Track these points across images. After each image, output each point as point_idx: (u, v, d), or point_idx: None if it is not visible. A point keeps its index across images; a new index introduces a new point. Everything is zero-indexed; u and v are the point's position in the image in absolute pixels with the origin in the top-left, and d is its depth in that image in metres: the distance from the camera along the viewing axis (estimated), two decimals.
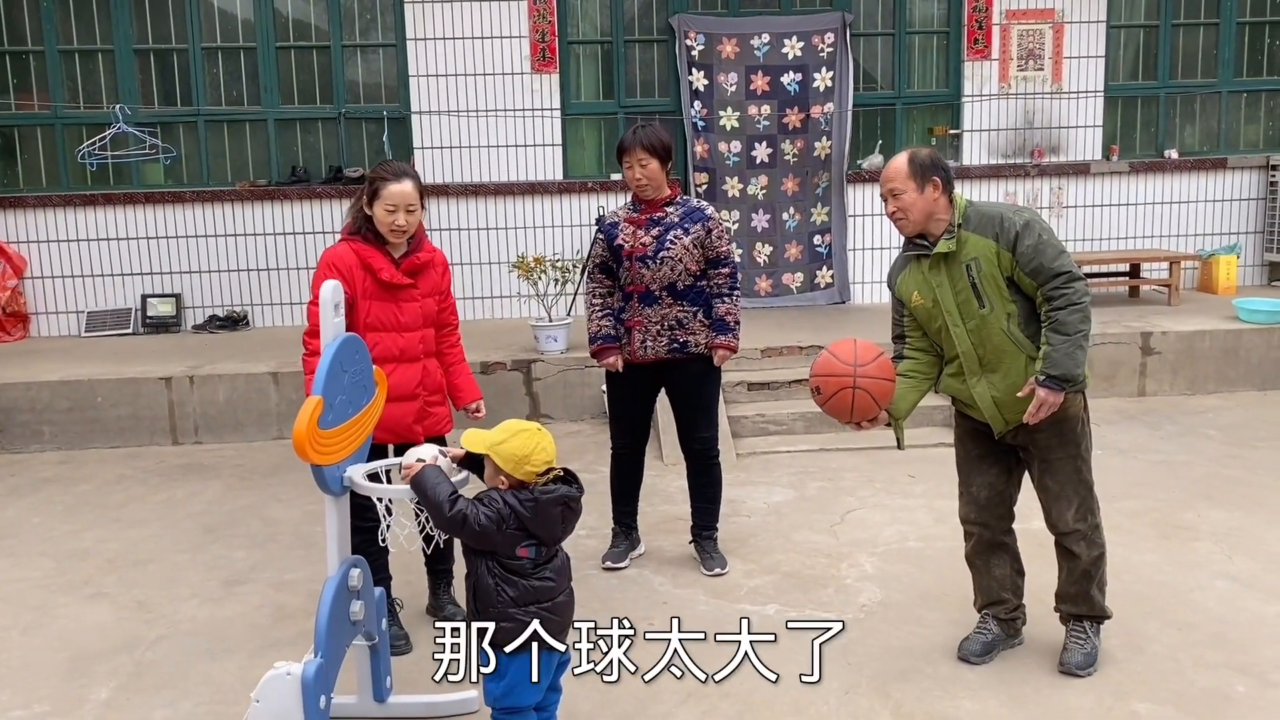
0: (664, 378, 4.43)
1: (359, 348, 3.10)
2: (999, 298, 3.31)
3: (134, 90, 8.22)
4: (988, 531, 3.60)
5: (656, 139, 4.22)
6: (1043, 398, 3.25)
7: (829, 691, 3.42)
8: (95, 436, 6.64)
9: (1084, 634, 3.54)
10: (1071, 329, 3.22)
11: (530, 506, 2.79)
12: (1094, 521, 3.49)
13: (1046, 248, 3.24)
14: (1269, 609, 3.93)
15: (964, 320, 3.36)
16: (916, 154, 3.40)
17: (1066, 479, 3.44)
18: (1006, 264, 3.28)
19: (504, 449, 2.80)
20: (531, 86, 8.32)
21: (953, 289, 3.36)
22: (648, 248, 4.25)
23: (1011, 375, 3.35)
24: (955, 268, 3.34)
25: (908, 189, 3.34)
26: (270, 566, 4.65)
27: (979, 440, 3.57)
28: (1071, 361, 3.22)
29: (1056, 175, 8.70)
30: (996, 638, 3.63)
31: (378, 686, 3.29)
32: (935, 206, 3.36)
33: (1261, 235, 8.94)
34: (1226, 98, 9.01)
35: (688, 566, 4.50)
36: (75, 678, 3.66)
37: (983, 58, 8.58)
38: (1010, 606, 3.65)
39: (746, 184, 8.44)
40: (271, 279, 8.35)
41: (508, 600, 2.80)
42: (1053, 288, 3.24)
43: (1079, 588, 3.52)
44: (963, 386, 3.45)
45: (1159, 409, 6.83)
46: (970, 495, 3.62)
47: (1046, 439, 3.41)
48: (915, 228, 3.39)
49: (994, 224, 3.30)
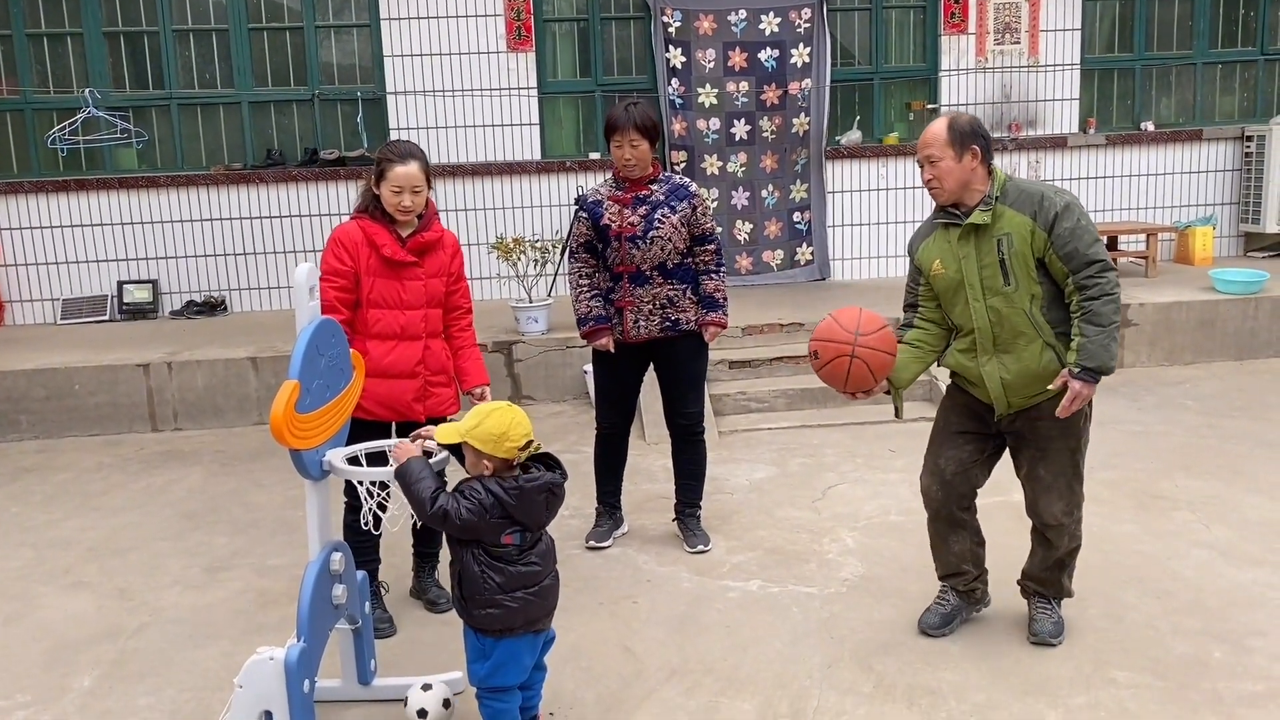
0: (654, 355, 4.43)
1: (335, 331, 3.09)
2: (1026, 278, 3.23)
3: (104, 74, 8.12)
4: (945, 508, 3.54)
5: (648, 119, 4.18)
6: (1077, 390, 3.17)
7: (812, 665, 3.45)
8: (73, 425, 6.59)
9: (1049, 606, 3.57)
10: (1106, 320, 3.16)
11: (515, 494, 2.79)
12: (1078, 516, 3.47)
13: (1084, 233, 3.17)
14: (1245, 576, 3.98)
15: (985, 296, 3.28)
16: (956, 120, 3.28)
17: (1061, 470, 3.40)
18: (1040, 244, 3.20)
19: (479, 432, 2.78)
20: (507, 65, 8.26)
21: (979, 262, 3.27)
22: (636, 228, 4.23)
23: (1025, 359, 3.28)
24: (986, 241, 3.26)
25: (945, 156, 3.24)
26: (252, 552, 4.63)
27: (966, 416, 3.51)
28: (1107, 354, 3.16)
29: (1034, 149, 8.72)
30: (955, 608, 3.63)
31: (362, 669, 3.29)
32: (972, 176, 3.26)
33: (1237, 206, 9.00)
34: (1202, 69, 9.04)
35: (671, 545, 4.51)
36: (57, 667, 3.64)
37: (959, 32, 8.57)
38: (970, 578, 3.62)
39: (725, 161, 8.42)
40: (249, 263, 8.28)
41: (494, 587, 2.80)
42: (1087, 276, 3.17)
43: (1050, 574, 3.53)
44: (971, 364, 3.38)
45: (1137, 380, 6.88)
46: (937, 468, 3.54)
47: (1048, 428, 3.34)
48: (950, 197, 3.29)
49: (1033, 202, 3.21)
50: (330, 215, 8.19)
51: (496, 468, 2.82)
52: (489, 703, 2.89)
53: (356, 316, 3.74)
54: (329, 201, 8.21)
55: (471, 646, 2.89)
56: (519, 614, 2.84)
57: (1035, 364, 3.28)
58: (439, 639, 3.75)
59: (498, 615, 2.81)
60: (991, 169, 3.30)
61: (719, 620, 3.79)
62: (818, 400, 6.38)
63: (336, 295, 3.66)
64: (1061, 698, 3.20)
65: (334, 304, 3.64)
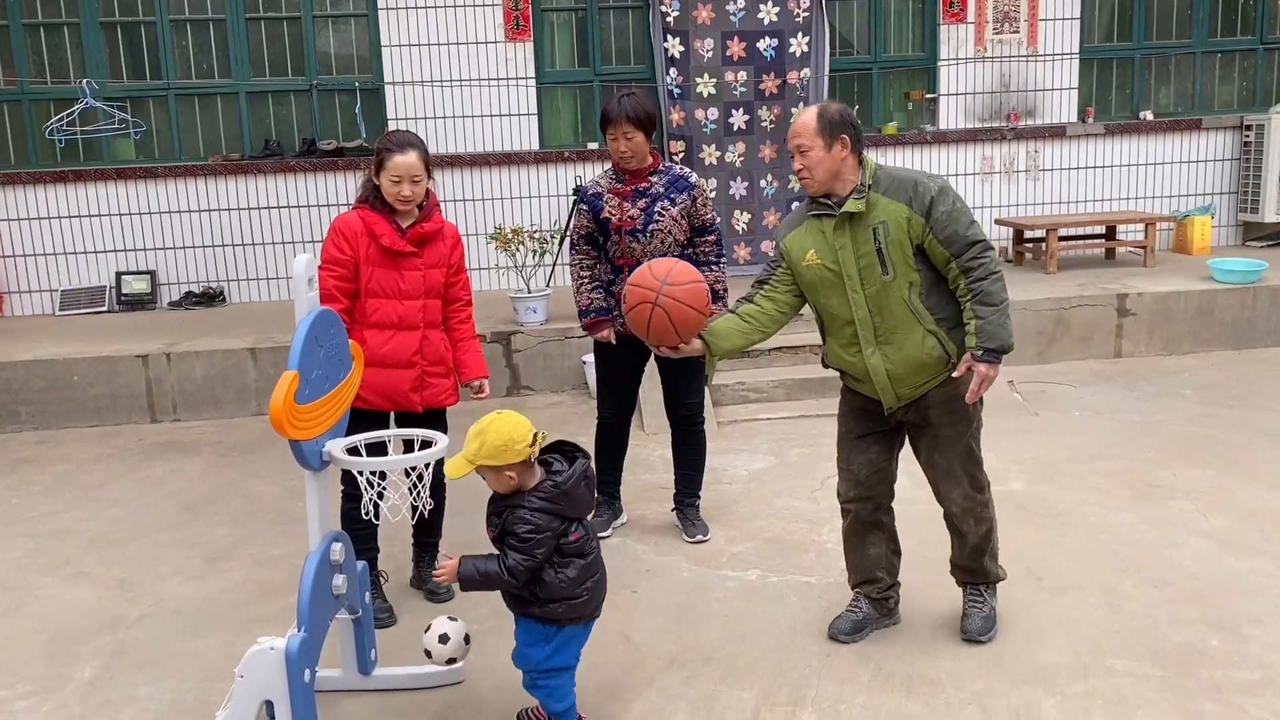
0: None
1: (334, 321, 3.09)
2: (904, 265, 3.19)
3: (101, 64, 8.10)
4: (865, 510, 3.51)
5: (643, 110, 4.14)
6: (984, 372, 3.15)
7: (810, 654, 3.46)
8: (72, 416, 6.59)
9: (980, 598, 3.54)
10: (997, 298, 3.15)
11: (559, 498, 2.82)
12: (982, 499, 3.43)
13: (961, 214, 3.16)
14: (1243, 565, 3.99)
15: (864, 286, 3.23)
16: (825, 109, 3.24)
17: (956, 456, 3.37)
18: (918, 230, 3.17)
19: (486, 449, 2.77)
20: (505, 55, 8.24)
21: (856, 252, 3.23)
22: (636, 221, 4.22)
23: (907, 347, 3.24)
24: (861, 230, 3.21)
25: (815, 146, 3.20)
26: (252, 543, 4.64)
27: (863, 418, 3.46)
28: (1005, 331, 3.15)
29: (1032, 138, 8.71)
30: (868, 616, 3.57)
31: (362, 659, 3.30)
32: (842, 166, 3.23)
33: (1236, 196, 8.99)
34: (1201, 58, 9.03)
35: (670, 535, 4.52)
36: (58, 657, 3.65)
37: (958, 21, 8.55)
38: (883, 585, 3.57)
39: (724, 151, 8.40)
40: (247, 254, 8.27)
41: (570, 582, 2.86)
42: (970, 257, 3.15)
43: (971, 562, 3.52)
44: (855, 358, 3.33)
45: (1135, 370, 6.89)
46: (851, 473, 3.49)
47: (939, 415, 3.32)
48: (820, 187, 3.25)
49: (907, 188, 3.19)
50: (328, 206, 8.18)
51: (519, 473, 2.82)
52: (546, 683, 2.93)
53: (355, 306, 3.75)
54: (327, 192, 8.20)
55: (529, 632, 2.92)
56: (588, 604, 2.93)
57: (918, 352, 3.24)
58: None
59: (575, 605, 2.88)
60: (862, 158, 3.27)
61: (718, 610, 3.80)
62: (816, 390, 6.38)
63: (336, 284, 3.67)
64: (1059, 686, 3.21)
65: (333, 293, 3.65)
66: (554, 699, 2.95)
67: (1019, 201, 8.78)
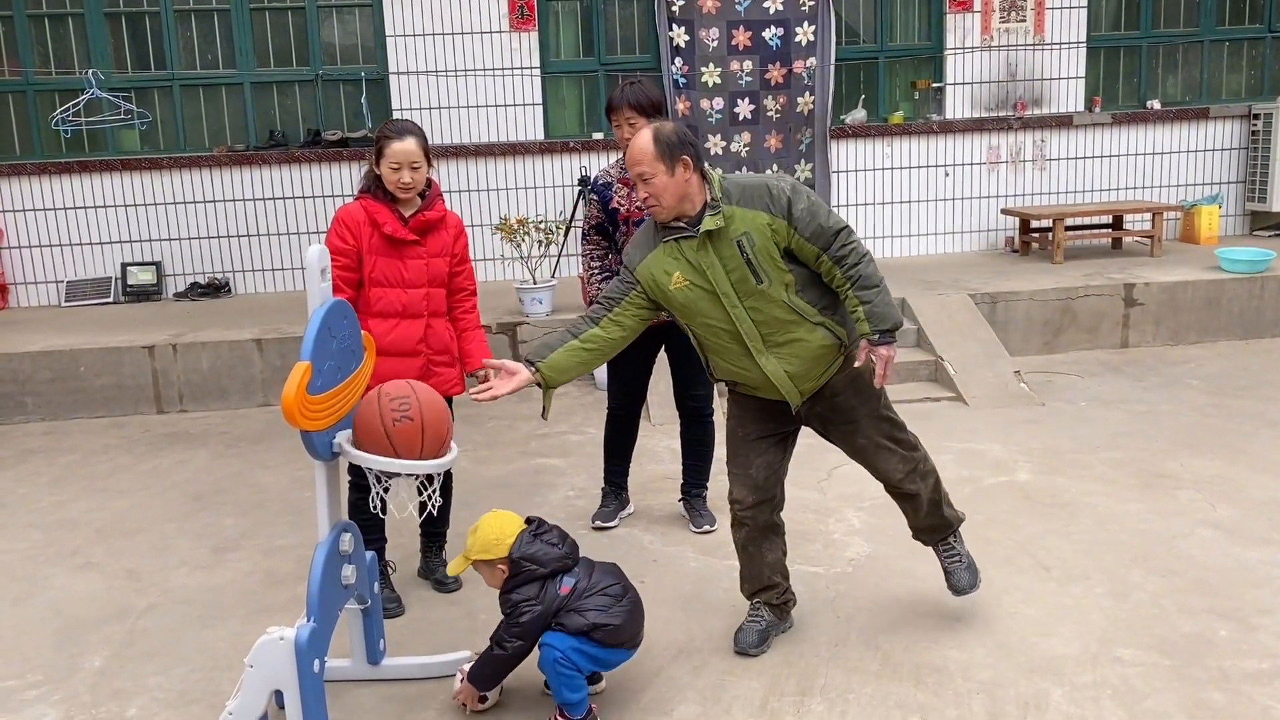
0: (665, 337, 4.41)
1: (347, 312, 3.08)
2: (775, 270, 3.12)
3: (106, 55, 8.09)
4: (763, 514, 3.41)
5: (645, 97, 4.12)
6: (884, 354, 3.12)
7: (818, 644, 3.46)
8: (79, 406, 6.60)
9: (954, 549, 3.54)
10: (875, 279, 3.11)
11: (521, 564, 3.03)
12: (918, 455, 3.41)
13: (819, 208, 3.11)
14: (1251, 555, 3.99)
15: (742, 299, 3.15)
16: (660, 132, 3.11)
17: (876, 429, 3.35)
18: (783, 234, 3.10)
19: (477, 547, 3.05)
20: (510, 45, 8.22)
21: (725, 268, 3.13)
22: (644, 211, 4.21)
23: (800, 345, 3.19)
24: (725, 245, 3.12)
25: (657, 172, 3.09)
26: (259, 533, 4.65)
27: (759, 420, 3.39)
28: (893, 310, 3.13)
29: (1039, 128, 8.68)
30: (770, 624, 3.49)
31: (371, 649, 3.30)
32: (688, 187, 3.12)
33: (1243, 185, 8.96)
34: (1208, 47, 8.99)
35: (677, 525, 4.52)
36: (67, 647, 3.67)
37: (965, 10, 8.52)
38: (781, 590, 3.50)
39: (729, 141, 8.39)
40: (252, 245, 8.28)
41: (594, 616, 3.00)
42: (839, 246, 3.09)
43: (932, 517, 3.50)
44: (748, 370, 3.26)
45: (1142, 360, 6.88)
46: (749, 477, 3.39)
47: (846, 400, 3.29)
48: (670, 212, 3.14)
49: (762, 195, 3.11)
50: (333, 196, 8.17)
51: (508, 566, 3.06)
52: (566, 670, 2.98)
53: (360, 295, 3.75)
54: (332, 182, 8.19)
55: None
56: (624, 629, 3.05)
57: (810, 348, 3.20)
58: (447, 618, 3.76)
59: (611, 631, 3.02)
60: (705, 173, 3.19)
61: (725, 600, 3.80)
62: None
63: (339, 274, 3.68)
64: (1068, 675, 3.21)
65: (337, 283, 3.65)
66: (569, 688, 2.98)
67: (1025, 191, 8.76)
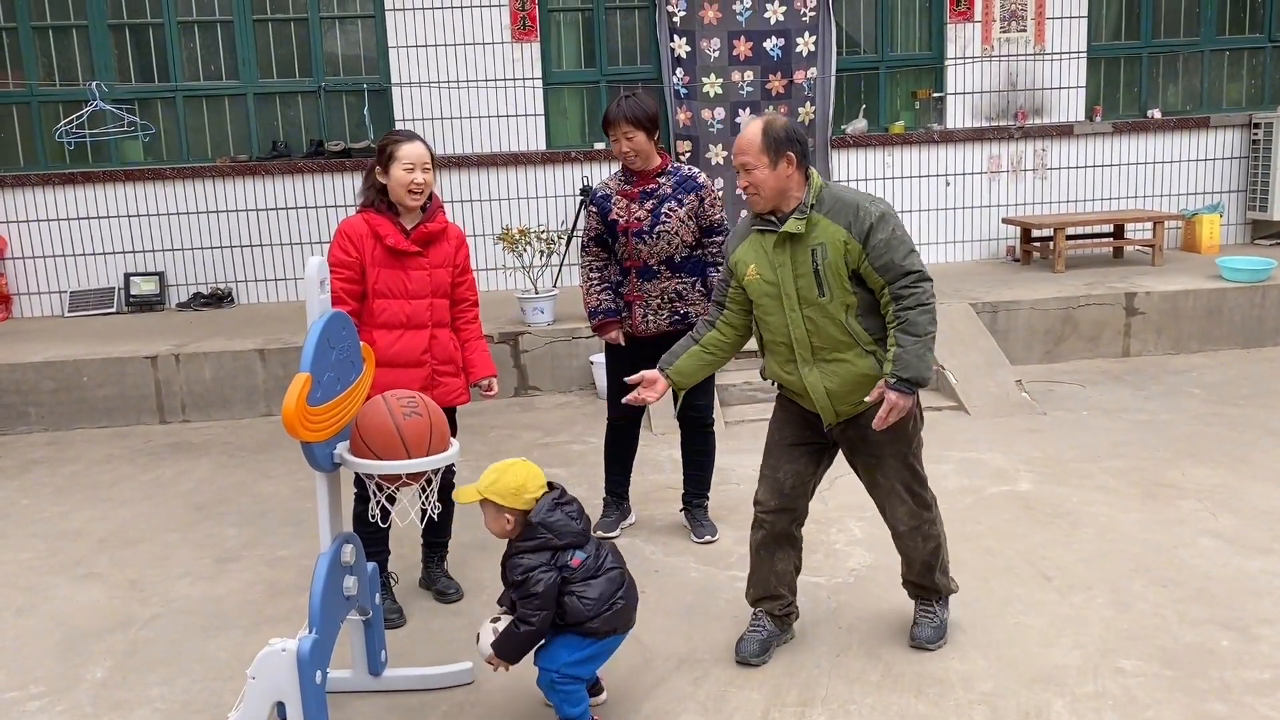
0: (664, 347, 4.38)
1: (346, 324, 3.10)
2: (840, 288, 3.15)
3: (110, 66, 8.12)
4: (782, 521, 3.43)
5: (641, 110, 4.15)
6: (894, 401, 3.11)
7: (820, 655, 3.46)
8: (82, 417, 6.62)
9: (931, 610, 3.51)
10: (921, 330, 3.10)
11: (537, 531, 2.92)
12: (929, 517, 3.39)
13: (899, 244, 3.11)
14: (1253, 564, 3.99)
15: (801, 306, 3.20)
16: (771, 126, 3.18)
17: (897, 475, 3.33)
18: (855, 255, 3.12)
19: (498, 487, 2.92)
20: (512, 56, 8.25)
21: (794, 272, 3.19)
22: (643, 222, 4.21)
23: (846, 366, 3.21)
24: (801, 250, 3.17)
25: (760, 164, 3.15)
26: (262, 543, 4.66)
27: (798, 428, 3.43)
28: (923, 364, 3.10)
29: (1040, 137, 8.69)
30: (771, 634, 3.48)
31: (373, 660, 3.31)
32: (788, 184, 3.18)
33: (1244, 194, 8.97)
34: (1209, 56, 9.01)
35: (678, 535, 4.53)
36: (70, 658, 3.67)
37: (965, 20, 8.54)
38: (785, 603, 3.51)
39: (730, 151, 8.39)
40: (255, 255, 8.30)
41: (595, 601, 2.93)
42: (902, 286, 3.10)
43: (922, 578, 3.48)
44: (793, 376, 3.30)
45: (1143, 369, 6.88)
46: (775, 481, 3.44)
47: (877, 435, 3.24)
48: (768, 204, 3.21)
49: (849, 212, 3.15)
50: (336, 207, 8.20)
51: (517, 520, 2.95)
52: (565, 687, 2.96)
53: (363, 308, 3.77)
54: (335, 193, 8.21)
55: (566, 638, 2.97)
56: (623, 613, 3.00)
57: (855, 371, 3.21)
58: (449, 629, 3.77)
59: (609, 618, 2.96)
60: (808, 174, 3.23)
61: (727, 610, 3.81)
62: None
63: (343, 286, 3.69)
64: (1069, 686, 3.21)
65: (340, 295, 3.67)
66: (569, 703, 2.97)
67: (1026, 200, 8.77)
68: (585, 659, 2.97)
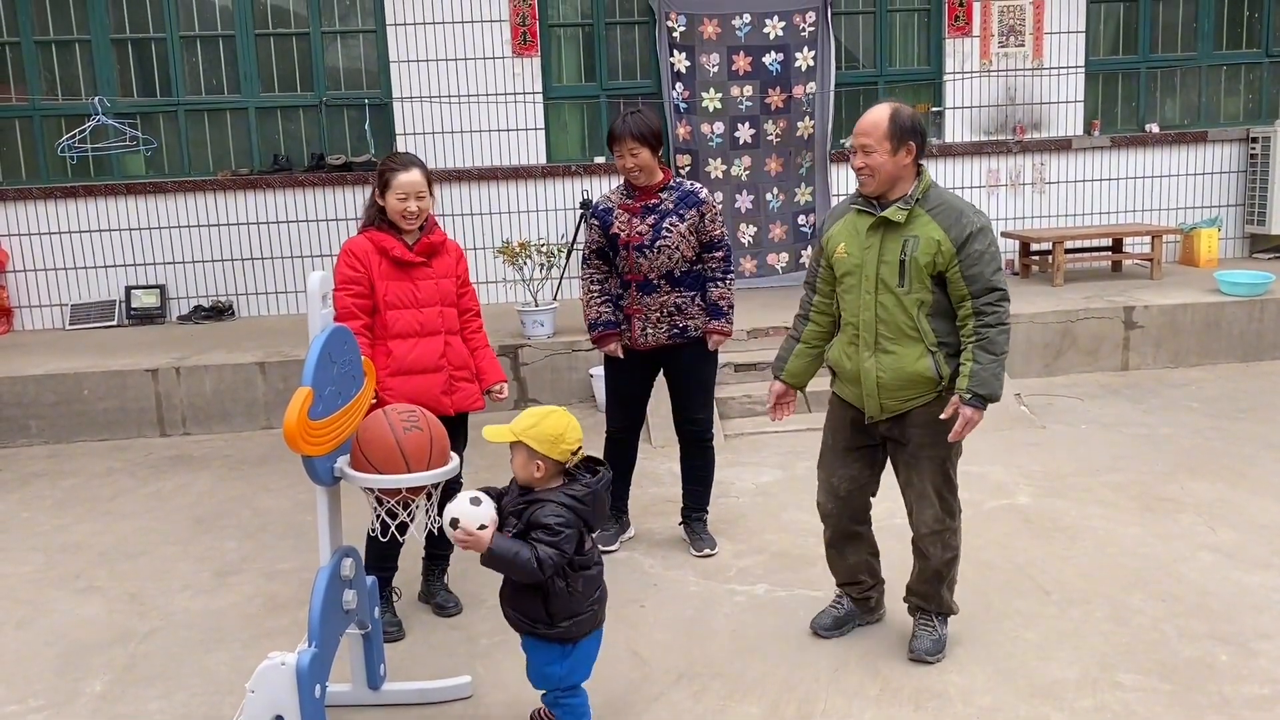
0: (663, 361, 4.45)
1: (347, 338, 3.11)
2: (919, 282, 3.22)
3: (112, 80, 8.16)
4: (843, 523, 3.58)
5: (647, 127, 4.19)
6: (969, 416, 3.19)
7: (819, 669, 3.46)
8: (82, 429, 6.63)
9: (931, 624, 3.52)
10: (999, 349, 3.18)
11: (589, 499, 2.86)
12: (952, 525, 3.43)
13: (992, 259, 3.19)
14: (1251, 579, 3.99)
15: (877, 290, 3.27)
16: (899, 113, 3.22)
17: (931, 478, 3.38)
18: (946, 258, 3.18)
19: (536, 432, 2.82)
20: (513, 70, 8.28)
21: (880, 257, 3.26)
22: (644, 236, 4.24)
23: (903, 360, 3.27)
24: (894, 238, 3.24)
25: (880, 149, 3.20)
26: (261, 557, 4.66)
27: (849, 432, 3.50)
28: (997, 382, 3.18)
29: (1038, 151, 8.72)
30: (849, 613, 3.68)
31: (371, 674, 3.31)
32: (904, 172, 3.24)
33: (1242, 208, 8.99)
34: (1206, 71, 9.04)
35: (678, 549, 4.53)
36: (69, 671, 3.67)
37: (964, 35, 8.58)
38: (865, 587, 3.68)
39: (730, 165, 8.43)
40: (256, 268, 8.32)
41: (579, 596, 2.89)
42: (987, 302, 3.18)
43: (929, 587, 3.51)
44: (851, 360, 3.38)
45: (1142, 382, 6.89)
46: (831, 486, 3.55)
47: (919, 436, 3.32)
48: (879, 188, 3.26)
49: (952, 214, 3.21)
50: (337, 220, 8.22)
51: (548, 470, 2.86)
52: (568, 701, 2.96)
53: (376, 321, 3.82)
54: (336, 206, 8.24)
55: (542, 651, 2.94)
56: (596, 616, 2.96)
57: (911, 367, 3.27)
58: (447, 643, 3.77)
59: (583, 620, 2.91)
60: (920, 167, 3.29)
61: (726, 624, 3.81)
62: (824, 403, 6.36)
63: (353, 301, 3.75)
64: (1068, 701, 3.21)
65: (352, 310, 3.73)
66: (574, 716, 2.97)
67: (1025, 214, 8.80)
68: (571, 667, 2.94)
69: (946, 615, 3.57)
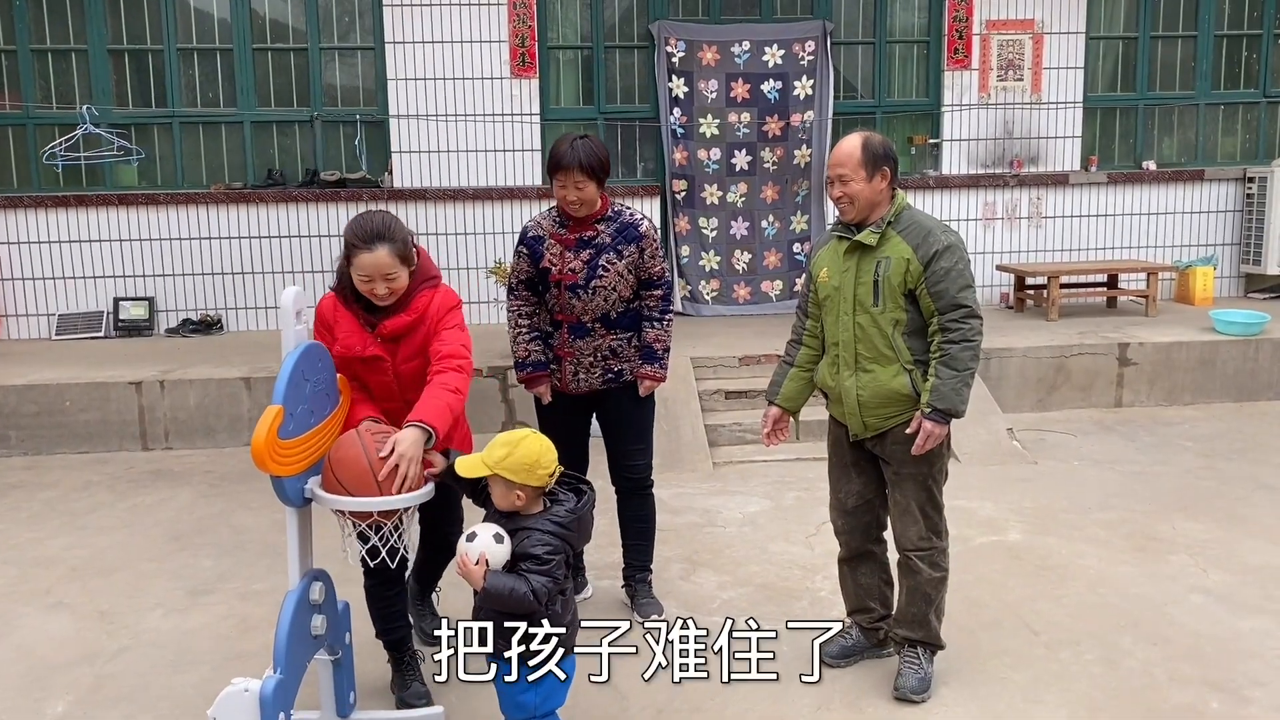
0: (596, 405, 4.07)
1: (322, 355, 3.04)
2: (893, 302, 3.28)
3: (108, 90, 8.13)
4: (855, 539, 3.60)
5: (596, 158, 3.73)
6: (929, 430, 3.23)
7: (802, 706, 3.38)
8: (63, 442, 6.54)
9: (917, 659, 3.45)
10: (961, 365, 3.22)
11: (573, 524, 2.81)
12: (939, 545, 3.42)
13: (958, 277, 3.23)
14: (1244, 624, 3.92)
15: (855, 311, 3.35)
16: (870, 141, 3.31)
17: (913, 496, 3.39)
18: (914, 276, 3.25)
19: (511, 462, 2.74)
20: (511, 91, 8.26)
21: (857, 279, 3.34)
22: (577, 275, 3.82)
23: (881, 378, 3.33)
24: (868, 260, 3.32)
25: (856, 177, 3.28)
26: (237, 576, 4.57)
27: (850, 447, 3.53)
28: (958, 397, 3.23)
29: (1035, 185, 8.71)
30: (857, 644, 3.65)
31: (341, 701, 3.22)
32: (880, 197, 3.32)
33: (1238, 247, 8.98)
34: (1204, 110, 9.05)
35: (623, 614, 4.19)
36: (32, 690, 3.58)
37: (963, 67, 8.59)
38: (875, 616, 3.63)
39: (726, 191, 8.41)
40: (246, 283, 8.25)
41: (554, 617, 2.82)
42: (951, 319, 3.23)
43: (918, 610, 3.44)
44: (834, 380, 3.45)
45: (1135, 420, 6.83)
46: (839, 501, 3.61)
47: (901, 453, 3.35)
48: (859, 215, 3.34)
49: (920, 234, 3.27)
50: (330, 236, 8.17)
51: (529, 496, 2.80)
52: None
53: None
54: (328, 222, 8.19)
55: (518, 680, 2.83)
56: (570, 637, 2.88)
57: (888, 385, 3.33)
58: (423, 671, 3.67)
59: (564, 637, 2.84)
60: (895, 192, 3.36)
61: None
62: (814, 433, 6.32)
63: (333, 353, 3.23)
64: None
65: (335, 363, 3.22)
66: None
67: (1021, 248, 8.77)
68: (545, 696, 2.86)
69: (934, 649, 3.50)
